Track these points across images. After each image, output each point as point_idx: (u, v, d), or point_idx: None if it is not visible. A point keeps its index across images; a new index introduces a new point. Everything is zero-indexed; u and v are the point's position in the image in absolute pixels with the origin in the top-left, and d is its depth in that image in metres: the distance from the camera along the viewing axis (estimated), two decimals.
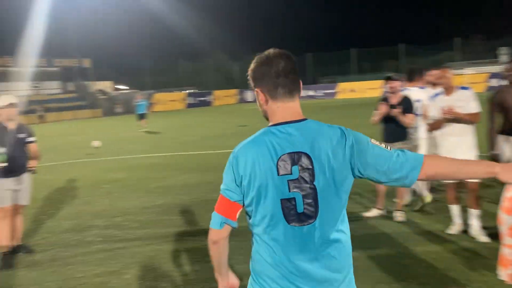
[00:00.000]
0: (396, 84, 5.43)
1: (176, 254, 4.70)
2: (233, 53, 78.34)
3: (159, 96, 51.94)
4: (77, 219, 6.37)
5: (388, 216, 5.53)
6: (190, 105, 53.62)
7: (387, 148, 1.74)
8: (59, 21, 49.91)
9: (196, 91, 62.15)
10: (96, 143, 15.22)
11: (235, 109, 41.91)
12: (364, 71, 53.95)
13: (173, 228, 5.61)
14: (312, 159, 1.65)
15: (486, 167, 1.67)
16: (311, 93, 51.30)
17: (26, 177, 4.95)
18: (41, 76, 44.72)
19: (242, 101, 59.10)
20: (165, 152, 12.98)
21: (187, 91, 58.76)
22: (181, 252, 4.75)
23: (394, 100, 5.41)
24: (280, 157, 1.66)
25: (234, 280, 1.91)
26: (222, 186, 1.76)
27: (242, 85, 68.42)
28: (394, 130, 5.38)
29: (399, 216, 5.38)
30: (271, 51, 1.81)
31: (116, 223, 6.02)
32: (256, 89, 1.83)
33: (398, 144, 5.29)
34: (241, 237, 3.33)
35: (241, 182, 1.69)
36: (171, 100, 52.48)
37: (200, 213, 6.20)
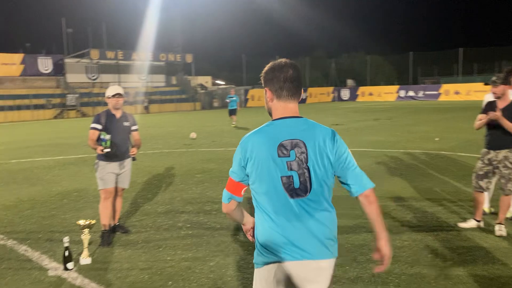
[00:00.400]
0: (500, 88, 4.95)
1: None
2: (330, 50, 77.24)
3: (254, 91, 52.89)
4: (170, 204, 6.73)
5: (486, 228, 5.11)
6: None
7: (353, 160, 2.21)
8: (166, 17, 52.81)
9: None
10: (193, 135, 16.01)
11: (329, 107, 41.36)
12: (471, 72, 50.16)
13: None
14: (306, 145, 2.09)
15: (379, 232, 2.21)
16: (411, 93, 49.01)
17: (128, 162, 5.32)
18: (148, 70, 47.82)
19: (338, 99, 58.10)
20: None
21: None
22: None
23: (501, 104, 4.97)
24: (280, 143, 2.08)
25: (250, 222, 2.40)
26: (230, 170, 2.21)
27: (338, 83, 67.37)
28: (499, 137, 4.94)
29: (500, 230, 4.94)
30: (283, 60, 2.25)
31: (205, 211, 6.25)
32: (265, 88, 2.24)
33: (504, 152, 4.85)
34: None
35: (246, 164, 2.12)
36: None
37: None
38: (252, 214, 2.35)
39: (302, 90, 2.30)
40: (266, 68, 2.27)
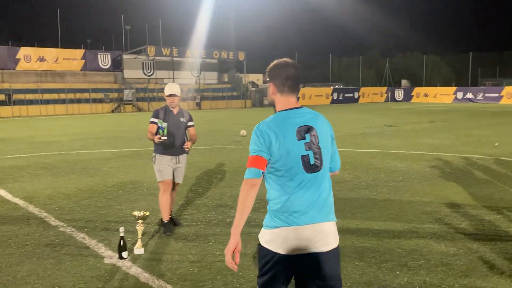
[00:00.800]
0: None
1: None
2: (384, 49, 75.50)
3: (305, 90, 52.56)
4: (220, 200, 6.85)
5: None
6: (334, 101, 53.28)
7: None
8: (220, 15, 53.48)
9: (342, 87, 61.39)
10: (243, 132, 16.19)
11: (382, 107, 40.43)
12: None
13: None
14: (316, 129, 2.49)
15: None
16: (469, 95, 47.04)
17: (183, 158, 5.47)
18: (201, 67, 48.69)
19: (391, 99, 56.66)
20: None
21: (333, 87, 58.38)
22: None
23: None
24: (297, 128, 2.45)
25: (240, 244, 2.54)
26: (254, 150, 2.44)
27: (392, 83, 65.68)
28: None
29: None
30: (286, 59, 2.62)
31: (254, 208, 6.27)
32: (270, 82, 2.58)
33: None
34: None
35: (270, 146, 2.41)
36: (317, 95, 52.72)
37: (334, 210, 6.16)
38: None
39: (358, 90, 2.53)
40: (270, 66, 2.62)
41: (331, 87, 57.78)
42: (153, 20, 55.63)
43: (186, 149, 5.40)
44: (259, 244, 2.57)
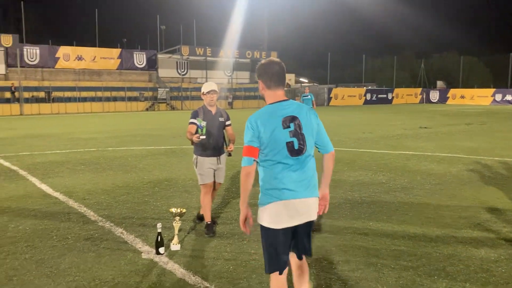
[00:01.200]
0: None
1: (343, 248, 4.73)
2: (420, 49, 73.99)
3: (337, 90, 52.09)
4: (254, 199, 6.85)
5: None
6: (367, 102, 52.58)
7: (324, 129, 3.11)
8: (253, 15, 53.65)
9: (375, 87, 60.49)
10: None
11: (417, 109, 39.64)
12: None
13: (341, 223, 5.64)
14: (300, 119, 2.93)
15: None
16: (509, 97, 45.64)
17: (223, 158, 5.47)
18: (233, 66, 48.96)
19: (426, 101, 55.45)
20: (336, 146, 13.04)
21: (367, 87, 57.59)
22: (348, 247, 4.75)
23: None
24: (283, 118, 2.90)
25: (250, 212, 3.02)
26: (247, 141, 2.93)
27: (427, 84, 64.28)
28: None
29: None
30: (271, 58, 3.06)
31: None
32: (259, 80, 3.03)
33: None
34: None
35: (259, 135, 2.89)
36: (349, 95, 52.17)
37: (367, 212, 6.10)
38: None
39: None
40: (258, 65, 3.05)
41: (364, 87, 57.02)
42: (188, 20, 56.30)
43: (229, 151, 5.37)
44: (262, 226, 3.01)
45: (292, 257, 3.20)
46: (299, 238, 3.08)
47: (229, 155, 5.47)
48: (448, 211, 6.15)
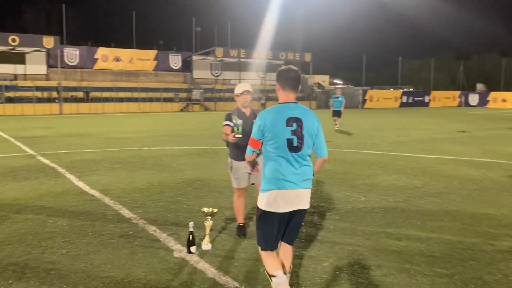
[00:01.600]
0: None
1: (375, 253, 4.65)
2: (459, 51, 71.98)
3: (372, 92, 51.34)
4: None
5: None
6: (403, 104, 51.59)
7: (323, 135, 3.53)
8: (287, 16, 53.55)
9: (412, 90, 59.24)
10: None
11: (455, 112, 38.60)
12: None
13: (374, 227, 5.55)
14: (303, 121, 3.37)
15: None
16: None
17: (259, 159, 5.28)
18: (267, 68, 49.03)
19: (465, 104, 53.92)
20: (370, 150, 12.85)
21: (403, 90, 56.48)
22: (380, 252, 4.67)
23: None
24: (288, 117, 3.35)
25: (255, 162, 3.92)
26: (253, 133, 3.45)
27: (466, 87, 62.45)
28: None
29: None
30: (290, 66, 3.53)
31: (319, 211, 6.27)
32: (277, 82, 3.51)
33: None
34: None
35: (264, 129, 3.37)
36: (385, 97, 51.33)
37: (400, 217, 5.98)
38: None
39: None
40: (278, 70, 3.53)
41: (400, 90, 55.94)
42: (222, 22, 56.76)
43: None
44: (259, 209, 3.46)
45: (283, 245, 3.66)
46: (290, 228, 3.54)
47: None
48: (486, 218, 5.96)
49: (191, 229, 4.60)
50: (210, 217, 4.81)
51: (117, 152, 12.15)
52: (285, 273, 3.47)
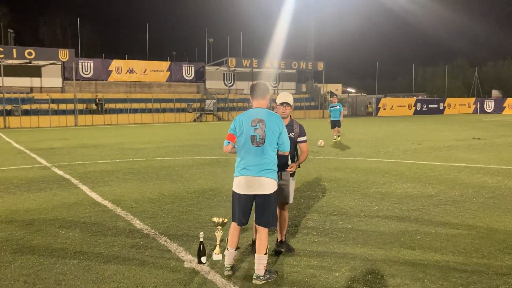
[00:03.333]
0: None
1: (388, 262, 4.57)
2: (473, 58, 71.33)
3: (386, 100, 51.02)
4: (296, 210, 6.81)
5: None
6: (417, 112, 51.15)
7: (286, 134, 4.38)
8: (299, 26, 53.66)
9: (426, 97, 58.74)
10: (320, 143, 16.01)
11: (470, 119, 38.12)
12: None
13: (387, 236, 5.47)
14: (265, 122, 4.23)
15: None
16: None
17: (284, 175, 4.91)
18: (279, 77, 49.09)
19: (480, 111, 53.25)
20: (384, 158, 12.72)
21: (417, 97, 56.05)
22: (393, 261, 4.59)
23: None
24: (253, 119, 4.26)
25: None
26: (230, 129, 4.37)
27: (482, 94, 61.71)
28: None
29: None
30: (258, 81, 4.57)
31: (331, 220, 6.21)
32: (250, 94, 4.49)
33: None
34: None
35: (236, 127, 4.33)
36: (398, 105, 50.94)
37: (414, 226, 5.88)
38: None
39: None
40: (250, 85, 4.54)
41: (414, 97, 55.51)
42: (235, 32, 57.19)
43: (289, 171, 4.89)
44: (232, 190, 4.39)
45: (257, 226, 4.39)
46: (257, 210, 4.31)
47: (291, 175, 4.98)
48: (503, 226, 5.83)
49: (201, 239, 4.58)
50: (220, 227, 4.78)
51: (130, 163, 12.22)
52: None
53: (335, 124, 17.99)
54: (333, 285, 4.06)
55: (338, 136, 18.08)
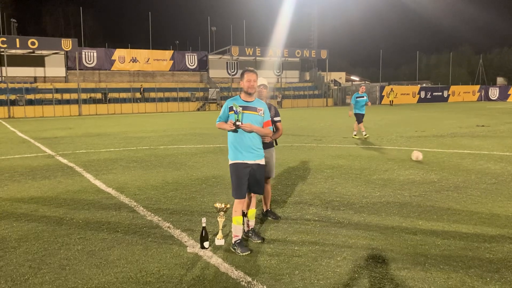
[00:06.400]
0: None
1: (389, 247, 4.60)
2: (478, 45, 70.71)
3: (390, 88, 50.73)
4: (299, 197, 6.84)
5: None
6: (421, 100, 50.96)
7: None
8: (302, 14, 53.27)
9: (430, 85, 58.43)
10: (417, 156, 10.25)
11: (474, 107, 37.94)
12: None
13: (389, 221, 5.49)
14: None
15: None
16: None
17: (270, 152, 5.53)
18: (283, 66, 48.88)
19: (485, 98, 52.95)
20: (387, 145, 12.71)
21: (421, 85, 55.77)
22: (395, 246, 4.62)
23: None
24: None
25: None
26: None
27: (486, 81, 61.30)
28: None
29: None
30: (249, 67, 4.84)
31: (333, 206, 6.23)
32: (240, 81, 4.76)
33: None
34: None
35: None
36: (403, 93, 50.71)
37: (416, 211, 5.90)
38: None
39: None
40: (242, 71, 4.80)
41: (418, 85, 55.22)
42: (238, 21, 56.89)
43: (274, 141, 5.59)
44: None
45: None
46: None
47: (276, 143, 5.88)
48: (504, 211, 5.84)
49: (203, 225, 4.62)
50: (222, 213, 4.82)
51: (134, 151, 12.27)
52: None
53: (360, 118, 14.97)
54: (335, 269, 4.09)
55: (364, 133, 15.02)
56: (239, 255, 4.47)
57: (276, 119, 5.61)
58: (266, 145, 5.37)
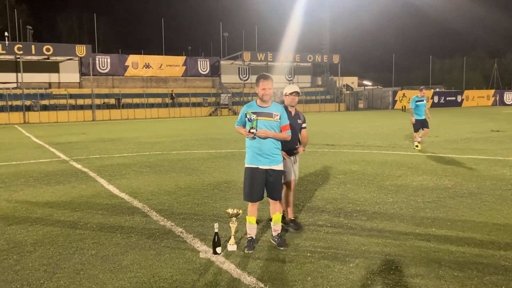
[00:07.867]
0: None
1: (403, 253, 4.56)
2: (492, 49, 69.99)
3: (402, 93, 50.40)
4: (311, 202, 6.83)
5: None
6: (434, 104, 50.55)
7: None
8: (314, 19, 53.27)
9: (444, 89, 57.92)
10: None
11: (489, 111, 37.51)
12: None
13: (402, 228, 5.45)
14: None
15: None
16: None
17: (297, 157, 5.80)
18: (294, 70, 48.89)
19: (500, 103, 52.33)
20: (400, 151, 12.62)
21: (434, 90, 55.32)
22: (408, 252, 4.58)
23: None
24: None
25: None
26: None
27: (501, 86, 60.58)
28: None
29: None
30: (263, 73, 4.93)
31: (346, 212, 6.21)
32: (256, 86, 4.89)
33: None
34: None
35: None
36: None
37: (430, 217, 5.85)
38: None
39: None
40: (257, 76, 4.89)
41: (432, 90, 54.79)
42: (250, 26, 57.05)
43: (296, 153, 5.68)
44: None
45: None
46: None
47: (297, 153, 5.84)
48: None
49: (216, 230, 4.63)
50: (235, 218, 4.83)
51: (147, 156, 12.36)
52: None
53: (422, 124, 13.14)
54: (347, 275, 4.08)
55: (419, 142, 13.18)
56: (244, 252, 4.68)
57: (303, 125, 5.78)
58: (291, 151, 5.57)
